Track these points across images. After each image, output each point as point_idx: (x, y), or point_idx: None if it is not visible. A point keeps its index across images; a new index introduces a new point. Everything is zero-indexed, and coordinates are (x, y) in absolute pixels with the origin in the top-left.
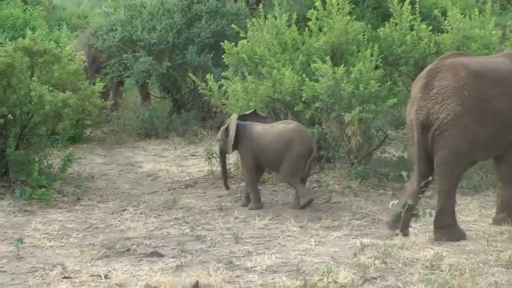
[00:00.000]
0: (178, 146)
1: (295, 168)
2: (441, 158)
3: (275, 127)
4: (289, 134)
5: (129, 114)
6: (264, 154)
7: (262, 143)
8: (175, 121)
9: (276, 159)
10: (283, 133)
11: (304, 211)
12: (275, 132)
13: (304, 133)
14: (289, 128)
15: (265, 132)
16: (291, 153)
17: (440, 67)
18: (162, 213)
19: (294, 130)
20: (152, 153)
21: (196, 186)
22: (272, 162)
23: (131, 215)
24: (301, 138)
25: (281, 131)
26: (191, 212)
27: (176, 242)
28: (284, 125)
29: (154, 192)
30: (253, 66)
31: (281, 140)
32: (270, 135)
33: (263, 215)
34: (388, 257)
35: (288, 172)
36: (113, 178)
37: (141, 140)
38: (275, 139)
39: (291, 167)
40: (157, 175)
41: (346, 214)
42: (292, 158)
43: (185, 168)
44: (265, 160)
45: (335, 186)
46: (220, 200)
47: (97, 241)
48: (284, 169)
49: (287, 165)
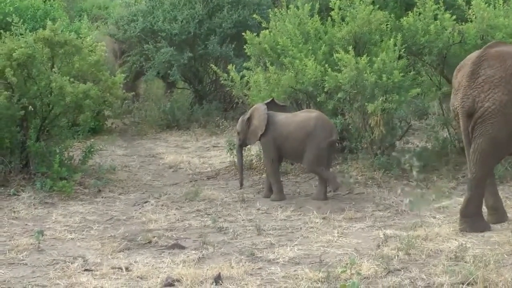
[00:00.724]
0: (200, 137)
1: (319, 156)
2: (479, 146)
3: (297, 116)
4: (311, 122)
5: (151, 105)
6: (287, 143)
7: (285, 133)
8: (196, 112)
9: (299, 148)
10: (305, 122)
11: (326, 202)
12: (298, 121)
13: (326, 121)
14: (312, 117)
15: (287, 121)
16: (314, 141)
17: (486, 55)
18: (183, 205)
19: (316, 119)
20: (173, 144)
21: (218, 178)
22: (295, 151)
23: (152, 207)
24: (323, 126)
25: (303, 120)
26: (213, 204)
27: (198, 234)
28: (306, 113)
29: (176, 183)
30: (275, 56)
31: (303, 129)
32: (292, 123)
33: (285, 207)
34: (411, 248)
35: (313, 160)
36: (134, 169)
37: (163, 131)
38: (298, 128)
39: (315, 156)
40: (179, 166)
41: (369, 205)
42: (315, 146)
43: (207, 160)
44: (288, 150)
45: (358, 177)
46: (242, 191)
47: (118, 233)
48: (309, 158)
49: (311, 154)
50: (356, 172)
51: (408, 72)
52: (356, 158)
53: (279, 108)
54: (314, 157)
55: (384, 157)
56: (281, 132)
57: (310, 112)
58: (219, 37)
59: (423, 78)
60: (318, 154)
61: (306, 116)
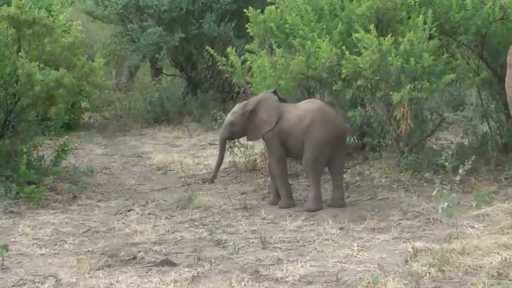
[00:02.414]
0: (194, 134)
1: (317, 157)
2: None
3: (297, 108)
4: (308, 116)
5: (135, 96)
6: (289, 140)
7: (286, 127)
8: (189, 103)
9: (299, 146)
10: (303, 115)
11: (344, 209)
12: (296, 114)
13: (328, 114)
14: (310, 109)
15: (289, 115)
16: (311, 139)
17: None
18: (174, 214)
19: (315, 111)
20: (162, 141)
21: (215, 181)
22: (296, 150)
23: (137, 216)
24: (322, 121)
25: (301, 113)
26: (210, 212)
27: (192, 248)
28: (307, 105)
29: (165, 188)
30: (282, 37)
31: (300, 124)
32: (292, 117)
33: (295, 215)
34: (446, 264)
35: (309, 161)
36: (116, 172)
37: (150, 126)
38: (295, 123)
39: (312, 155)
40: (169, 168)
41: (395, 213)
42: (312, 145)
43: (202, 160)
44: (290, 148)
45: (381, 179)
46: (244, 197)
47: (97, 247)
48: (306, 157)
49: (308, 153)
50: (379, 173)
51: (440, 55)
52: (379, 157)
53: (281, 102)
54: (311, 157)
55: (412, 156)
56: (283, 126)
57: (312, 103)
58: (216, 15)
59: (458, 62)
60: (317, 154)
61: (305, 108)
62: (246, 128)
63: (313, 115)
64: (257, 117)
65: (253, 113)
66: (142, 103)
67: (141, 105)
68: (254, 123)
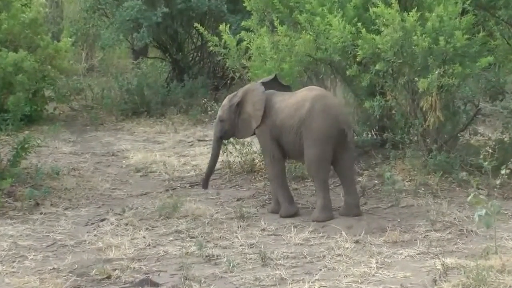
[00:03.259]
0: (180, 128)
1: (318, 155)
2: None
3: (293, 96)
4: (306, 105)
5: (109, 83)
6: (283, 135)
7: (279, 120)
8: (174, 91)
9: (296, 143)
10: (299, 104)
11: (360, 218)
12: (291, 104)
13: (329, 103)
14: (308, 97)
15: (282, 105)
16: (309, 132)
17: None
18: (157, 224)
19: (313, 100)
20: (142, 137)
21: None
22: (292, 147)
23: (112, 227)
24: (323, 111)
25: (297, 101)
26: (199, 222)
27: (178, 265)
28: (304, 92)
29: (146, 193)
30: (286, 12)
31: (296, 114)
32: (286, 108)
33: (301, 226)
34: (482, 284)
35: (311, 160)
36: (87, 174)
37: (127, 119)
38: (289, 114)
39: (313, 153)
40: (150, 169)
41: (421, 223)
42: (312, 140)
43: (190, 159)
44: (286, 145)
45: (405, 183)
46: (240, 204)
47: (64, 264)
48: (309, 157)
49: (308, 151)
50: (403, 176)
51: (475, 34)
52: (402, 156)
53: (283, 89)
54: (313, 154)
55: (442, 155)
56: (275, 119)
57: (310, 90)
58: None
59: (496, 42)
60: (319, 150)
61: (302, 96)
62: (235, 124)
63: (312, 103)
64: (244, 111)
65: (240, 106)
66: (118, 91)
67: (117, 94)
68: (242, 118)
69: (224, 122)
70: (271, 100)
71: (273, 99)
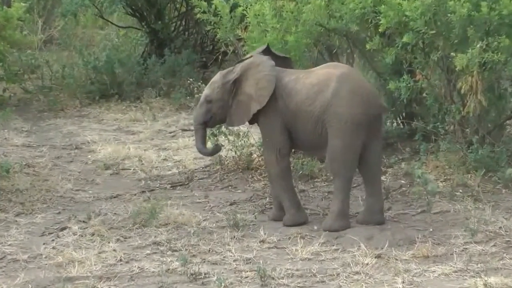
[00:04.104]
0: (159, 115)
1: (346, 147)
2: None
3: (311, 75)
4: (330, 85)
5: (72, 58)
6: (297, 124)
7: (293, 105)
8: (153, 69)
9: (315, 133)
10: (321, 85)
11: (384, 228)
12: (310, 84)
13: (358, 82)
14: (333, 76)
15: (298, 85)
16: (335, 119)
17: None
18: (130, 234)
19: (340, 79)
20: (112, 126)
21: (191, 186)
22: (310, 139)
23: (75, 238)
24: (352, 92)
25: (319, 82)
26: (183, 232)
27: (156, 285)
28: (326, 70)
29: (117, 196)
30: None
31: (317, 98)
32: (303, 89)
33: (310, 237)
34: None
35: (337, 153)
36: (44, 172)
37: (94, 103)
38: (308, 97)
39: (340, 145)
40: (122, 166)
41: (458, 232)
42: (339, 129)
43: (172, 154)
44: (300, 135)
45: (438, 183)
46: (234, 209)
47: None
48: (332, 148)
49: (334, 142)
50: (436, 174)
51: None
52: (436, 150)
53: (280, 62)
54: (340, 146)
55: (485, 149)
56: (289, 103)
57: (334, 67)
58: None
59: None
60: (348, 142)
61: (324, 75)
62: (228, 106)
63: (338, 83)
64: (242, 91)
65: (238, 85)
66: (83, 69)
67: (81, 72)
68: (239, 99)
69: (211, 104)
70: (282, 79)
71: (284, 78)
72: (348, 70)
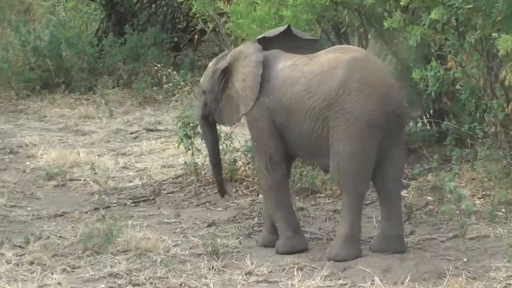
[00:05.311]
0: (118, 110)
1: (356, 154)
2: None
3: (313, 61)
4: (337, 74)
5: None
6: (291, 123)
7: (287, 98)
8: (111, 52)
9: (316, 135)
10: (324, 74)
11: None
12: (310, 73)
13: (372, 71)
14: (340, 62)
15: (294, 73)
16: (343, 118)
17: None
18: (80, 263)
19: (349, 66)
20: (58, 125)
21: (158, 202)
22: (310, 142)
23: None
24: (364, 83)
25: (321, 70)
26: (147, 261)
27: None
28: (334, 55)
29: (63, 214)
30: None
31: (318, 89)
32: (301, 79)
33: (310, 268)
34: None
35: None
36: None
37: (34, 95)
38: (308, 88)
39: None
40: (70, 175)
41: (500, 264)
42: (347, 130)
43: (133, 160)
44: (297, 139)
45: (474, 199)
46: (212, 232)
47: None
48: (337, 155)
49: (340, 147)
50: (472, 188)
51: None
52: (472, 157)
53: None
54: (348, 152)
55: None
56: (281, 96)
57: (342, 51)
58: None
59: None
60: (359, 147)
61: (328, 61)
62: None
63: (346, 71)
64: (231, 85)
65: (227, 76)
66: (20, 50)
67: (17, 56)
68: (226, 94)
69: (206, 95)
70: (273, 67)
71: (277, 64)
72: (361, 55)
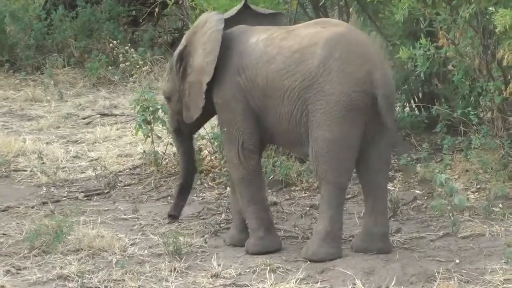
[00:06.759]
0: (69, 92)
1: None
2: None
3: (291, 36)
4: (316, 52)
5: None
6: (268, 105)
7: (262, 77)
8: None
9: (294, 119)
10: (304, 51)
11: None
12: (288, 49)
13: (356, 47)
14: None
15: (270, 50)
16: (320, 101)
17: None
18: (26, 264)
19: (330, 43)
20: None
21: (113, 195)
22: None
23: None
24: (346, 62)
25: (300, 47)
26: (101, 262)
27: None
28: (314, 30)
29: (6, 209)
30: None
31: (297, 69)
32: (277, 56)
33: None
34: None
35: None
36: None
37: None
38: (286, 66)
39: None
40: (14, 165)
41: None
42: (327, 114)
43: (86, 149)
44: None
45: (468, 194)
46: (175, 229)
47: None
48: (316, 141)
49: (318, 133)
50: (465, 181)
51: None
52: (466, 146)
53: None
54: (328, 138)
55: None
56: (255, 75)
57: (323, 25)
58: None
59: None
60: (339, 132)
61: (308, 36)
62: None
63: (327, 48)
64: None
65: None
66: None
67: None
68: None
69: (171, 102)
70: (244, 41)
71: (248, 39)
72: (344, 30)
